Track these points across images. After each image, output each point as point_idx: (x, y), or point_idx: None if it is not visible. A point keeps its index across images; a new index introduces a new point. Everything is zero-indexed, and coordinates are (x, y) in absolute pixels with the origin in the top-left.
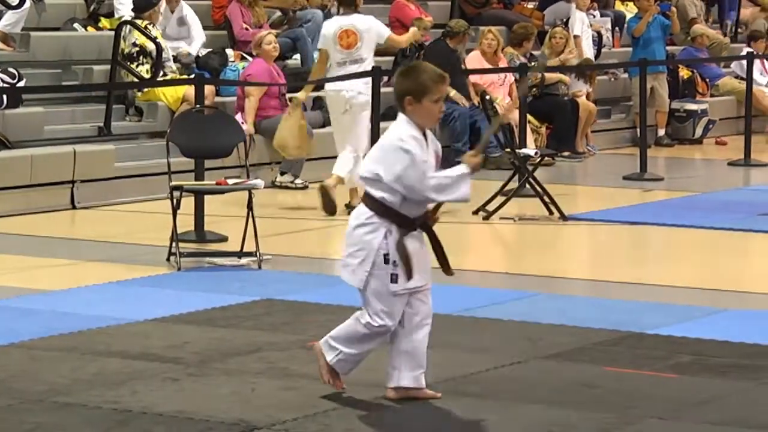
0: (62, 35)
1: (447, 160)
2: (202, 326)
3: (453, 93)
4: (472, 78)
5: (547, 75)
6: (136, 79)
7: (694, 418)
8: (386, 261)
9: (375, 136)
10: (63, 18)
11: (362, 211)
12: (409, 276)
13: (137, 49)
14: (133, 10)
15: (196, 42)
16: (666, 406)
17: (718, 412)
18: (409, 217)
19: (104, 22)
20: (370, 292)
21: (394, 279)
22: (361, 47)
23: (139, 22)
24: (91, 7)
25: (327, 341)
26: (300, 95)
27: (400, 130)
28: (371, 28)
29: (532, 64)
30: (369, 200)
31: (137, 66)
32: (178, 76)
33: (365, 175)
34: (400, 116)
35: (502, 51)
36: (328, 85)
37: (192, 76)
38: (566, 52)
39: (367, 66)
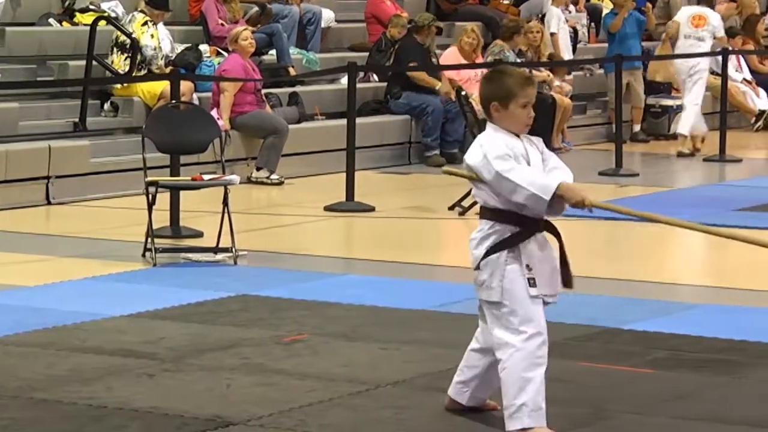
0: (37, 30)
1: (418, 155)
2: (177, 322)
3: (439, 86)
4: (448, 74)
5: (534, 73)
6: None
7: (670, 413)
8: (520, 267)
9: (351, 133)
10: (38, 13)
11: (482, 225)
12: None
13: (129, 42)
14: (148, 3)
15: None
16: (641, 401)
17: (694, 408)
18: (532, 218)
19: (79, 17)
20: (512, 302)
21: (532, 283)
22: (706, 29)
23: (141, 17)
24: (66, 3)
25: (507, 417)
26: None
27: (485, 136)
28: (716, 20)
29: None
30: (486, 212)
31: (126, 57)
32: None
33: (475, 187)
34: (489, 126)
35: (485, 47)
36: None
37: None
38: (543, 50)
39: (706, 45)
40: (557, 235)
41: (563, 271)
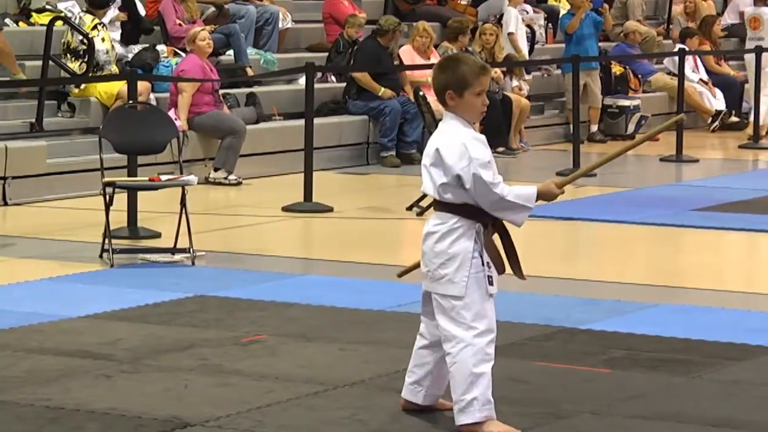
0: None
1: (376, 156)
2: (135, 323)
3: (382, 91)
4: (408, 73)
5: None
6: (68, 75)
7: (626, 413)
8: (482, 263)
9: (309, 133)
10: None
11: (444, 219)
12: (500, 271)
13: (84, 47)
14: (89, 4)
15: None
16: (598, 400)
17: (650, 407)
18: (487, 212)
19: (36, 17)
20: (470, 298)
21: (490, 281)
22: (762, 30)
23: (90, 18)
24: (22, 3)
25: (457, 412)
26: None
27: (459, 133)
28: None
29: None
30: (448, 206)
31: (80, 62)
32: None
33: (436, 188)
34: (447, 115)
35: (435, 47)
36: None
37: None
38: (497, 52)
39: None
40: (501, 226)
41: (512, 261)
